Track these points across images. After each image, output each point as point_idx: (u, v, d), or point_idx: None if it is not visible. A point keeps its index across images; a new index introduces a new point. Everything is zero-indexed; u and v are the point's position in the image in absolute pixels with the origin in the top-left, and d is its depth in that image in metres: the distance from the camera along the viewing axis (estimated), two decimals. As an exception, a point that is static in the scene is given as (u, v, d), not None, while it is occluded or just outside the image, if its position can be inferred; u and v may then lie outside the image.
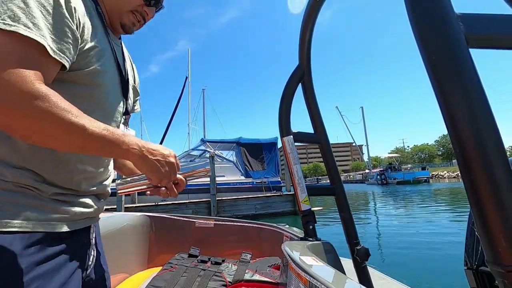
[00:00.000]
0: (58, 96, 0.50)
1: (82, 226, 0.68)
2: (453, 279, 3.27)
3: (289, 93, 1.04)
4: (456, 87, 0.38)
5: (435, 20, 0.39)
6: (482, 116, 0.37)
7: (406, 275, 3.61)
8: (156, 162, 0.61)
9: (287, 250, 0.77)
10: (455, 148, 0.38)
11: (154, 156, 0.61)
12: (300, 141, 1.09)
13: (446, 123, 0.39)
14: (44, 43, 0.49)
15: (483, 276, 0.85)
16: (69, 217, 0.63)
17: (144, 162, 0.60)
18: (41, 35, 0.48)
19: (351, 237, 1.05)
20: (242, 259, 1.51)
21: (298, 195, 1.01)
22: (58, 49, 0.52)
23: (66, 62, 0.54)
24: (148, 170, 0.61)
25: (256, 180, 11.25)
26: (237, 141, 11.90)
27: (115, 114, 0.74)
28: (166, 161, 0.62)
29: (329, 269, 0.61)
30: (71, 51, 0.55)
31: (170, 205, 9.14)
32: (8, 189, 0.54)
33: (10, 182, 0.55)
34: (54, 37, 0.51)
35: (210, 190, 9.47)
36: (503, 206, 0.36)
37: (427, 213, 9.19)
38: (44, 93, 0.47)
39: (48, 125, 0.48)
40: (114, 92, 0.72)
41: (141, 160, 0.59)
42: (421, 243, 5.32)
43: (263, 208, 9.79)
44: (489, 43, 0.41)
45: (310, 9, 0.92)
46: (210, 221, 1.79)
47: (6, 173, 0.55)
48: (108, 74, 0.67)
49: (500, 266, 0.36)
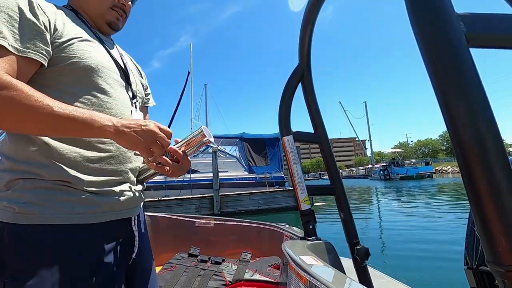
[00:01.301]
0: (23, 85, 0.54)
1: (120, 217, 0.70)
2: (457, 277, 3.27)
3: (289, 93, 1.04)
4: (456, 87, 0.37)
5: (436, 19, 0.39)
6: (482, 115, 0.37)
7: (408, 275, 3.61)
8: (133, 132, 0.60)
9: (287, 249, 0.77)
10: (455, 148, 0.38)
11: (130, 129, 0.60)
12: (300, 141, 1.09)
13: (446, 123, 0.39)
14: (4, 43, 0.54)
15: (483, 276, 0.85)
16: (104, 208, 0.66)
17: (122, 137, 0.59)
18: (1, 38, 0.54)
19: (351, 237, 1.05)
20: (242, 259, 1.51)
21: (298, 195, 1.01)
22: (22, 46, 0.57)
23: (35, 56, 0.59)
24: (128, 143, 0.60)
25: (259, 175, 11.22)
26: (240, 136, 11.86)
27: (122, 98, 0.75)
28: (144, 129, 0.60)
29: (329, 269, 0.61)
30: (38, 46, 0.59)
31: (173, 200, 9.13)
32: (48, 187, 0.60)
33: (49, 180, 0.60)
34: (17, 37, 0.57)
35: (213, 185, 9.47)
36: (503, 206, 0.36)
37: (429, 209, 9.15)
38: (7, 83, 0.52)
39: (14, 110, 0.52)
40: (112, 77, 0.73)
41: (118, 136, 0.59)
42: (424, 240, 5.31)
43: (266, 204, 9.76)
44: (489, 42, 0.41)
45: (310, 9, 0.92)
46: (210, 220, 1.79)
47: (43, 173, 0.60)
48: (98, 59, 0.69)
49: (500, 266, 0.36)
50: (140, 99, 0.85)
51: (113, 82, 0.72)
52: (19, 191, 0.59)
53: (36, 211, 0.58)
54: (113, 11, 0.77)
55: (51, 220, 0.59)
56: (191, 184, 10.41)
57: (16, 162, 0.61)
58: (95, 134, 0.59)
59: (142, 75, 0.91)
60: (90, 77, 0.67)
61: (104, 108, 0.68)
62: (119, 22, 0.79)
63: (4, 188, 0.60)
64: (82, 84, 0.66)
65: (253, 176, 11.27)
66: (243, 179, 11.27)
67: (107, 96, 0.70)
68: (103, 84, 0.69)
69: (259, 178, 11.19)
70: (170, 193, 10.05)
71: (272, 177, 11.09)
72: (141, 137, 0.60)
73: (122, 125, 0.59)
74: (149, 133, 0.60)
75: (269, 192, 10.05)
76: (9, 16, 0.56)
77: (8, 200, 0.58)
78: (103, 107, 0.68)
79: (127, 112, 0.75)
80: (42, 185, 0.60)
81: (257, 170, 11.26)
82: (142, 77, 0.91)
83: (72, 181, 0.62)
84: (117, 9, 0.77)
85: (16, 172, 0.60)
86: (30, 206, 0.58)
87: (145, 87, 0.91)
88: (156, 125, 0.62)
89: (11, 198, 0.59)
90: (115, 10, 0.77)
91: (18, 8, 0.58)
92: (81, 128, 0.57)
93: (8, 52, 0.55)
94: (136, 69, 0.89)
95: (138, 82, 0.85)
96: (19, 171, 0.60)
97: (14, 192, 0.59)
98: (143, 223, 0.84)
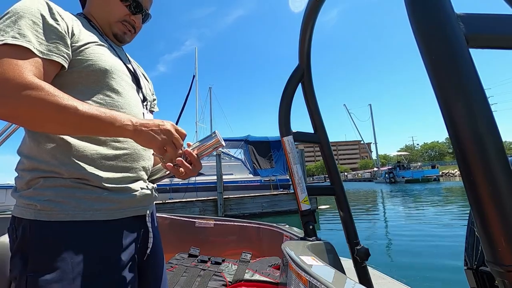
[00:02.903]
0: (50, 86, 0.57)
1: (136, 213, 0.72)
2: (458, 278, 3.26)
3: (289, 93, 1.04)
4: (456, 87, 0.38)
5: (435, 20, 0.39)
6: (482, 116, 0.37)
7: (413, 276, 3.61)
8: (151, 131, 0.62)
9: (287, 250, 0.77)
10: (455, 148, 0.38)
11: (148, 128, 0.63)
12: (300, 141, 1.09)
13: (446, 123, 0.39)
14: (30, 47, 0.58)
15: (483, 276, 0.85)
16: (121, 205, 0.68)
17: (140, 135, 0.62)
18: (26, 41, 0.58)
19: (351, 237, 1.05)
20: (242, 259, 1.51)
21: (298, 195, 1.01)
22: (46, 49, 0.60)
23: (57, 58, 0.62)
24: (145, 141, 0.63)
25: (264, 178, 11.23)
26: (245, 139, 11.85)
27: (134, 100, 0.77)
28: (161, 129, 0.63)
29: (329, 269, 0.61)
30: (60, 49, 0.63)
31: (178, 203, 9.17)
32: (67, 185, 0.63)
33: (68, 178, 0.63)
34: (41, 41, 0.60)
35: (217, 188, 9.49)
36: (503, 206, 0.36)
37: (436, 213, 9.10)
38: (35, 84, 0.55)
39: (42, 109, 0.55)
40: (124, 79, 0.75)
41: (136, 134, 0.62)
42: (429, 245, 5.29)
43: (270, 207, 9.77)
44: (489, 43, 0.41)
45: (310, 9, 0.92)
46: (210, 221, 1.79)
47: (62, 171, 0.63)
48: (112, 62, 0.72)
49: (500, 266, 0.36)
50: (149, 103, 0.87)
51: (125, 84, 0.75)
52: (40, 189, 0.61)
53: (56, 208, 0.61)
54: (122, 25, 0.79)
55: (71, 217, 0.61)
56: (195, 187, 10.42)
57: (36, 162, 0.63)
58: (116, 132, 0.61)
59: (148, 81, 0.94)
60: (104, 79, 0.70)
61: (119, 108, 0.71)
62: (126, 36, 0.81)
63: (25, 187, 0.63)
64: (98, 85, 0.69)
65: (258, 179, 11.26)
66: (248, 181, 11.26)
67: (121, 97, 0.72)
68: (117, 85, 0.72)
69: (264, 181, 11.20)
70: (175, 196, 10.08)
71: (277, 180, 11.09)
72: (158, 136, 0.63)
73: (141, 125, 0.62)
74: (165, 132, 0.63)
75: (273, 195, 10.05)
76: (32, 21, 0.60)
77: (29, 198, 0.61)
78: (117, 107, 0.71)
79: (139, 113, 0.78)
80: (61, 183, 0.62)
81: (262, 173, 11.25)
82: (149, 82, 0.94)
83: (90, 179, 0.64)
84: (126, 24, 0.80)
85: (36, 171, 0.63)
86: (51, 204, 0.60)
87: (151, 92, 0.93)
88: (173, 126, 0.65)
89: (32, 196, 0.61)
90: (124, 24, 0.80)
91: (40, 14, 0.61)
92: (103, 127, 0.60)
93: (33, 55, 0.58)
94: (143, 76, 0.91)
95: (147, 87, 0.88)
96: (40, 170, 0.63)
97: (35, 191, 0.61)
98: (156, 220, 0.86)
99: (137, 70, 0.85)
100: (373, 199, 16.36)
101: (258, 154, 11.49)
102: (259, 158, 11.45)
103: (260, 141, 11.71)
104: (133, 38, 0.85)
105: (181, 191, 10.20)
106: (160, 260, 0.84)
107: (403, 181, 35.06)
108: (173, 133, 0.64)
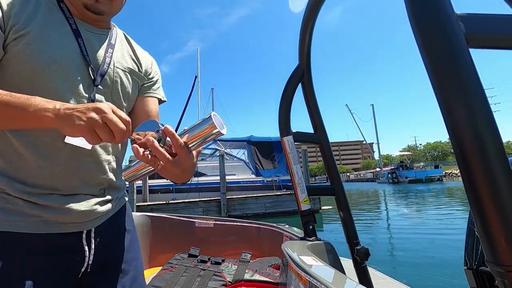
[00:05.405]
0: None
1: (63, 230, 0.65)
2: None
3: (289, 93, 1.04)
4: (456, 87, 0.38)
5: (435, 20, 0.39)
6: (482, 116, 0.37)
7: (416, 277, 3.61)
8: (75, 112, 0.50)
9: (287, 250, 0.77)
10: (455, 148, 0.38)
11: (73, 110, 0.51)
12: (300, 141, 1.10)
13: (446, 123, 0.39)
14: None
15: (483, 276, 0.85)
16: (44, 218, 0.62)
17: (63, 120, 0.50)
18: None
19: (351, 237, 1.05)
20: (242, 259, 1.51)
21: (298, 195, 1.01)
22: None
23: None
24: (69, 127, 0.50)
25: (266, 178, 11.23)
26: (248, 139, 11.87)
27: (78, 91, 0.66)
28: (89, 107, 0.50)
29: (329, 269, 0.61)
30: None
31: (181, 204, 9.14)
32: None
33: None
34: None
35: (220, 188, 9.49)
36: (503, 206, 0.36)
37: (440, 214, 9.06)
38: None
39: None
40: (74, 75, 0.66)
41: (59, 120, 0.50)
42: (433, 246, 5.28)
43: (273, 207, 9.76)
44: (489, 43, 0.41)
45: (310, 9, 0.92)
46: (210, 221, 1.79)
47: None
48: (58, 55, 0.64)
49: (500, 266, 0.36)
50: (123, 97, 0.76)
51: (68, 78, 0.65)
52: None
53: None
54: None
55: None
56: (198, 187, 10.42)
57: None
58: (32, 120, 0.52)
59: (141, 68, 0.83)
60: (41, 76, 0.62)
61: None
62: (99, 4, 0.69)
63: None
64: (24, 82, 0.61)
65: (261, 179, 11.27)
66: (251, 182, 11.27)
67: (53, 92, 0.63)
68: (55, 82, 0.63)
69: (267, 181, 11.20)
70: (178, 196, 10.07)
71: (279, 181, 11.09)
72: (83, 116, 0.49)
73: (66, 108, 0.51)
74: (95, 111, 0.50)
75: (276, 195, 10.04)
76: None
77: None
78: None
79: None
80: None
81: (265, 173, 11.26)
82: (140, 70, 0.83)
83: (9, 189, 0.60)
84: None
85: None
86: None
87: (146, 79, 0.84)
88: (109, 106, 0.52)
89: None
90: None
91: None
92: (14, 114, 0.51)
93: None
94: (135, 63, 0.81)
95: (122, 78, 0.76)
96: None
97: None
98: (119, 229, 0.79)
99: (113, 57, 0.74)
100: (376, 199, 16.35)
101: (260, 154, 11.51)
102: (262, 158, 11.46)
103: (262, 141, 11.72)
104: (116, 6, 0.73)
105: (184, 192, 10.20)
106: (117, 275, 0.75)
107: (406, 181, 35.00)
108: (105, 112, 0.50)
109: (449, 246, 5.07)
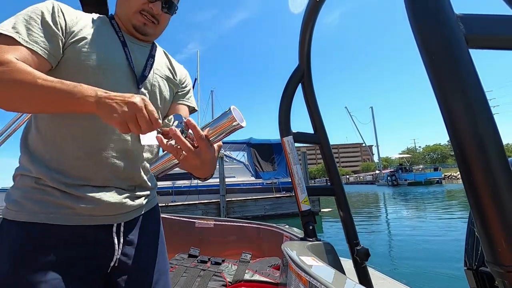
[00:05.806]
0: (20, 63, 0.58)
1: (94, 222, 0.68)
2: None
3: (289, 94, 1.04)
4: (456, 88, 0.38)
5: (435, 20, 0.39)
6: (482, 116, 0.37)
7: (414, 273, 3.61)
8: (114, 103, 0.54)
9: (287, 250, 0.77)
10: (455, 148, 0.38)
11: (112, 100, 0.55)
12: (300, 141, 1.10)
13: (446, 124, 0.39)
14: (15, 36, 0.61)
15: (483, 276, 0.85)
16: (77, 211, 0.66)
17: (101, 108, 0.55)
18: (15, 32, 0.61)
19: (351, 237, 1.05)
20: (242, 259, 1.51)
21: (298, 196, 1.01)
22: (31, 40, 0.63)
23: (39, 50, 0.64)
24: (106, 115, 0.55)
25: (266, 181, 11.19)
26: (248, 141, 11.82)
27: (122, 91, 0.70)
28: (126, 101, 0.54)
29: (329, 269, 0.61)
30: (47, 45, 0.65)
31: (180, 206, 9.13)
32: (31, 185, 0.64)
33: (34, 177, 0.64)
34: (30, 33, 0.63)
35: (220, 191, 9.47)
36: (503, 206, 0.36)
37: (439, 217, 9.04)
38: (5, 60, 0.56)
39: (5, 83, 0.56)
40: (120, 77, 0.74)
41: (98, 107, 0.55)
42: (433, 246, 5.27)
43: (272, 209, 9.75)
44: (488, 43, 0.41)
45: (310, 10, 0.92)
46: (210, 221, 1.79)
47: (31, 168, 0.64)
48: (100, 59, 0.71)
49: (500, 267, 0.36)
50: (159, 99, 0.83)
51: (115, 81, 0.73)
52: (15, 188, 0.65)
53: (16, 208, 0.63)
54: (140, 15, 0.78)
55: (22, 217, 0.62)
56: (197, 190, 10.39)
57: (21, 155, 0.66)
58: (77, 107, 0.56)
59: (176, 76, 0.91)
60: (92, 76, 0.69)
61: None
62: (147, 27, 0.79)
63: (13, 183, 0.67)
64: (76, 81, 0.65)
65: (260, 182, 11.22)
66: (250, 184, 11.24)
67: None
68: (104, 82, 0.70)
69: (266, 184, 11.15)
70: (177, 199, 10.07)
71: (279, 183, 11.05)
72: (120, 108, 0.54)
73: (106, 97, 0.55)
74: (130, 105, 0.54)
75: (276, 197, 10.03)
76: (30, 17, 0.64)
77: (7, 197, 0.65)
78: None
79: None
80: (28, 183, 0.64)
81: (264, 176, 11.20)
82: (176, 78, 0.91)
83: (47, 180, 0.64)
84: (145, 14, 0.78)
85: (19, 166, 0.65)
86: (15, 203, 0.64)
87: (180, 87, 0.92)
88: (143, 101, 0.56)
89: (9, 194, 0.65)
90: (143, 14, 0.78)
91: (41, 12, 0.65)
92: (62, 99, 0.56)
93: (17, 43, 0.61)
94: (171, 73, 0.90)
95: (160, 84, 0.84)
96: (20, 166, 0.66)
97: (11, 189, 0.65)
98: (147, 229, 0.81)
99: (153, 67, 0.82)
100: (376, 202, 16.35)
101: (260, 157, 11.46)
102: (261, 161, 11.41)
103: (262, 143, 11.69)
104: (159, 31, 0.83)
105: (183, 194, 10.20)
106: (142, 274, 0.77)
107: (406, 183, 35.02)
108: (139, 108, 0.54)
109: (449, 246, 5.07)
